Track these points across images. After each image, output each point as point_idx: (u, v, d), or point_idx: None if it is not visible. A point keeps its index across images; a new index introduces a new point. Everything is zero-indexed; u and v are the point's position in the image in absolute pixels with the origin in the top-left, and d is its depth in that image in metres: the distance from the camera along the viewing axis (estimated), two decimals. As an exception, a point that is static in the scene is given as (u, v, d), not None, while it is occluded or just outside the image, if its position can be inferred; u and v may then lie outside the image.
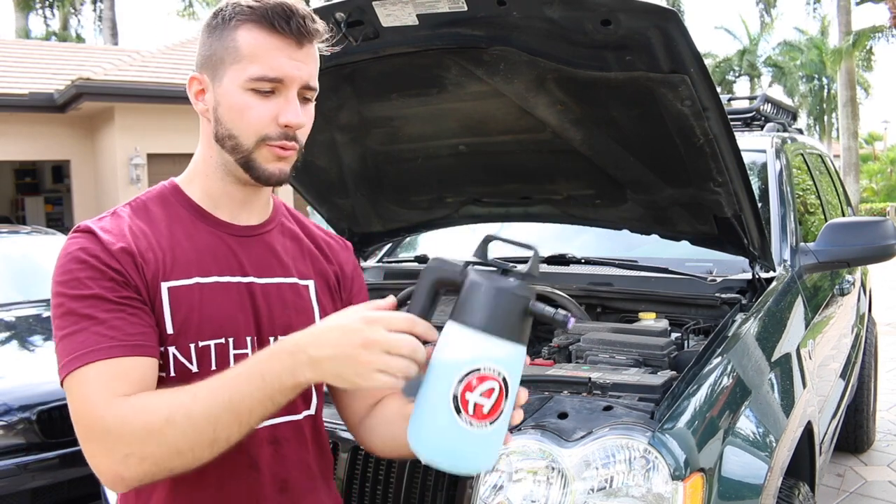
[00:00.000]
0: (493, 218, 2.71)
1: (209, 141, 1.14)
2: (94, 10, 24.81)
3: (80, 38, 25.36)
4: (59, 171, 14.28)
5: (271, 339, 1.14)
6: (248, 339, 1.12)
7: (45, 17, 23.73)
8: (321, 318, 1.21)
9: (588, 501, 1.39)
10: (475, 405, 0.89)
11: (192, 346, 1.08)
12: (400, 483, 1.53)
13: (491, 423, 0.91)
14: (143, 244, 1.08)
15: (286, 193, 12.58)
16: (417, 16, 1.76)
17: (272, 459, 1.13)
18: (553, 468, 1.42)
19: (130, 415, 0.95)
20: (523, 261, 0.97)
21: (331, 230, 1.36)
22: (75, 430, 0.99)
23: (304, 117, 1.11)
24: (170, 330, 1.06)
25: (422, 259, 2.94)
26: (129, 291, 1.04)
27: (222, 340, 1.10)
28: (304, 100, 1.12)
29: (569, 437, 1.45)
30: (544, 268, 2.58)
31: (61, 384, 1.01)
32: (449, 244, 3.12)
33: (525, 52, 1.81)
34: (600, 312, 2.42)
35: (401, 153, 2.44)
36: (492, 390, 0.90)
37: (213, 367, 1.07)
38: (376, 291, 2.70)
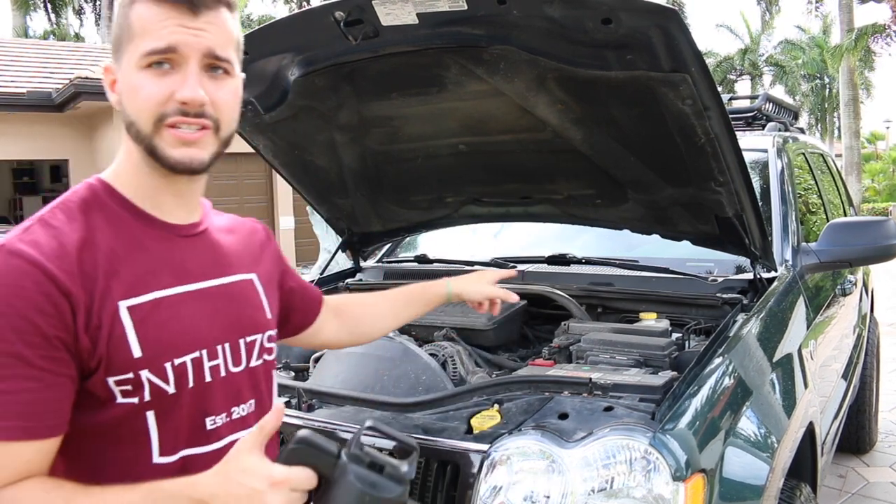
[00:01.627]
0: (493, 218, 2.70)
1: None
2: (94, 9, 24.81)
3: (78, 38, 25.35)
4: (58, 170, 14.29)
5: (241, 342, 1.10)
6: (219, 347, 1.07)
7: (48, 14, 23.70)
8: (270, 310, 1.19)
9: (589, 502, 1.38)
10: None
11: (168, 365, 1.00)
12: (400, 484, 1.52)
13: None
14: (90, 262, 0.97)
15: (286, 193, 12.63)
16: (417, 14, 1.75)
17: None
18: (553, 469, 1.41)
19: None
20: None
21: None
22: None
23: (200, 91, 1.00)
24: (137, 353, 0.97)
25: (421, 259, 2.93)
26: (59, 350, 0.92)
27: (197, 354, 1.04)
28: (224, 73, 1.04)
29: (569, 437, 1.44)
30: (545, 268, 2.58)
31: None
32: (449, 244, 3.12)
33: (525, 51, 1.81)
34: (601, 312, 2.41)
35: (401, 153, 2.43)
36: None
37: (191, 385, 1.03)
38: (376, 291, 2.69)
